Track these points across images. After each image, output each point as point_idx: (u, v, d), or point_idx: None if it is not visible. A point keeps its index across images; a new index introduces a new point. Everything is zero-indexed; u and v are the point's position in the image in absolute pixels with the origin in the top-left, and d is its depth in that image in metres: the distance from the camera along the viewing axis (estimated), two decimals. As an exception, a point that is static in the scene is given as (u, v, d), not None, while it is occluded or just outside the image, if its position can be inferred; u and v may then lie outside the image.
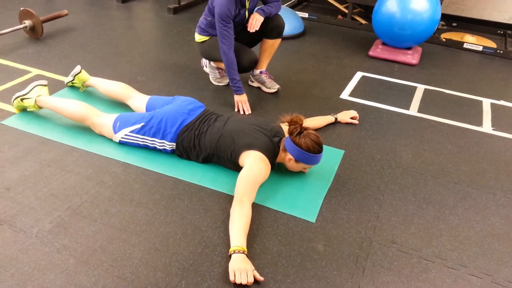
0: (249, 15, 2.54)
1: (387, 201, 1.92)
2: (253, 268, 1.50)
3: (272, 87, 2.78)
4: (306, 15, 4.31)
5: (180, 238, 1.65)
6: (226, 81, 2.85)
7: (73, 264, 1.51)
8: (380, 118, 2.61)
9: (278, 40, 2.72)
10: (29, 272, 1.47)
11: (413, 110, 2.72)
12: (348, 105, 2.72)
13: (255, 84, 2.85)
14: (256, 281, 1.47)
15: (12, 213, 1.71)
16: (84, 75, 2.61)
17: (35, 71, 2.87)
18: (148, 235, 1.66)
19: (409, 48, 3.42)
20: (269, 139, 1.97)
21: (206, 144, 2.01)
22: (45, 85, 2.40)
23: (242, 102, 2.55)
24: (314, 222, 1.77)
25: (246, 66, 2.59)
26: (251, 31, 2.50)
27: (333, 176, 2.06)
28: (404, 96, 2.89)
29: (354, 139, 2.37)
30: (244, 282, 1.44)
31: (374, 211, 1.86)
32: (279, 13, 2.67)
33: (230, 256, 1.52)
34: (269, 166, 1.92)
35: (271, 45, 2.72)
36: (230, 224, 1.63)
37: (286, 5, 4.51)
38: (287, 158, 1.96)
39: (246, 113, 2.54)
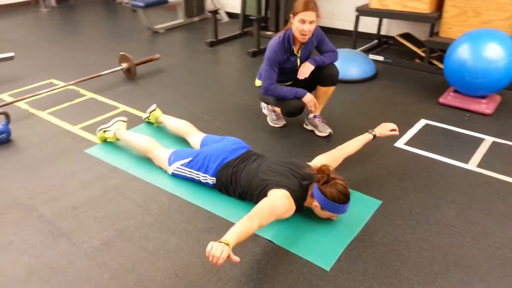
0: (301, 63, 2.70)
1: (412, 259, 1.87)
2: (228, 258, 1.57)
3: (324, 131, 2.87)
4: (381, 58, 4.31)
5: (199, 268, 1.83)
6: (282, 123, 3.01)
7: (107, 279, 1.78)
8: (432, 170, 2.52)
9: (332, 88, 2.82)
10: (72, 280, 1.77)
11: (472, 164, 2.57)
12: (401, 154, 2.68)
13: (309, 127, 2.96)
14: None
15: (72, 229, 2.06)
16: (158, 112, 2.99)
17: (122, 107, 3.36)
18: (173, 262, 1.86)
19: (483, 97, 3.23)
20: (299, 181, 2.06)
21: (242, 181, 2.18)
22: (125, 121, 2.83)
23: (311, 101, 2.68)
24: (328, 270, 1.81)
25: (292, 111, 2.74)
26: (300, 79, 2.66)
27: (361, 226, 2.07)
28: (466, 148, 2.75)
29: (396, 190, 2.34)
30: (217, 254, 1.53)
31: (395, 268, 1.83)
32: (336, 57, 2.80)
33: None
34: (293, 206, 2.00)
35: (325, 92, 2.83)
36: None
37: (362, 49, 4.57)
38: (314, 205, 2.04)
39: (313, 108, 2.72)
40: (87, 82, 3.74)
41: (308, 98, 2.70)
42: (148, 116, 3.03)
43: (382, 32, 4.90)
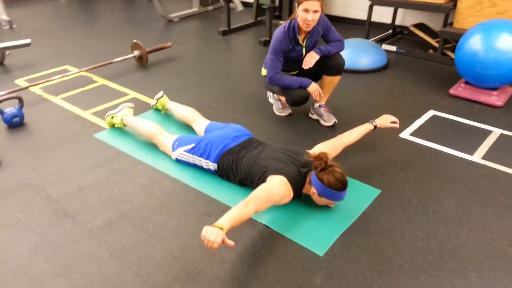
0: (307, 53, 2.70)
1: (406, 247, 1.88)
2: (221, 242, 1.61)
3: (329, 120, 2.87)
4: (394, 48, 4.26)
5: (196, 250, 1.88)
6: (287, 112, 3.03)
7: (107, 257, 1.85)
8: (435, 161, 2.51)
9: (337, 77, 2.82)
10: (73, 258, 1.85)
11: (477, 156, 2.54)
12: (405, 145, 2.67)
13: (314, 117, 2.97)
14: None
15: (77, 210, 2.14)
16: (165, 99, 3.05)
17: (132, 94, 3.43)
18: (171, 244, 1.92)
19: (494, 89, 3.17)
20: (297, 169, 2.09)
21: (242, 168, 2.22)
22: (132, 107, 2.89)
23: (316, 91, 2.70)
24: (321, 255, 1.84)
25: (296, 100, 2.75)
26: (305, 68, 2.66)
27: (358, 214, 2.08)
28: (473, 140, 2.71)
29: (397, 180, 2.34)
30: (212, 238, 1.58)
31: (388, 255, 1.84)
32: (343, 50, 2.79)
33: None
34: (291, 193, 2.03)
35: (330, 81, 2.83)
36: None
37: (375, 39, 4.52)
38: (311, 191, 2.06)
39: (318, 98, 2.75)
40: (99, 69, 3.82)
41: (313, 88, 2.70)
42: (156, 103, 3.08)
43: (397, 22, 4.83)
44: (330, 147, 2.29)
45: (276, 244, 1.91)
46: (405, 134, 2.80)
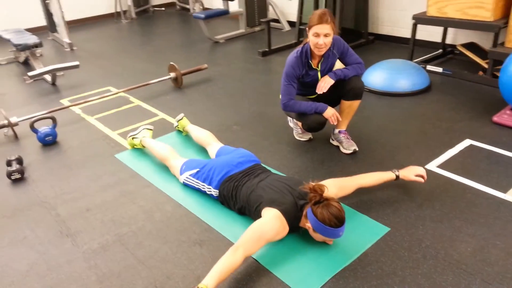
0: (322, 76, 2.58)
1: (403, 297, 1.69)
2: None
3: (348, 148, 2.71)
4: (440, 69, 3.96)
5: (178, 281, 1.83)
6: (307, 136, 2.92)
7: (93, 281, 1.87)
8: (461, 198, 2.25)
9: (356, 102, 2.66)
10: (63, 279, 1.89)
11: (510, 194, 2.24)
12: (430, 177, 2.42)
13: (335, 143, 2.83)
14: None
15: (79, 230, 2.20)
16: (185, 121, 3.08)
17: (161, 115, 3.51)
18: (157, 272, 1.89)
19: (546, 117, 2.81)
20: (294, 200, 1.98)
21: (241, 196, 2.15)
22: (151, 129, 2.96)
23: (333, 116, 2.57)
24: (306, 298, 1.71)
25: (312, 126, 2.63)
26: (318, 93, 2.55)
27: (358, 254, 1.91)
28: (509, 175, 2.40)
29: (411, 218, 2.13)
30: None
31: (381, 304, 1.66)
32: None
33: None
34: (286, 228, 1.92)
35: (349, 106, 2.68)
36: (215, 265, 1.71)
37: (421, 59, 4.25)
38: (307, 226, 1.94)
39: (335, 123, 2.59)
40: (137, 90, 3.99)
41: (329, 113, 2.57)
42: (177, 125, 3.13)
43: (448, 41, 4.51)
44: (339, 185, 2.15)
45: (261, 280, 1.80)
46: (432, 166, 2.55)
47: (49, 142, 3.13)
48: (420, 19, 4.02)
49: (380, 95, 3.62)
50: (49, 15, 6.05)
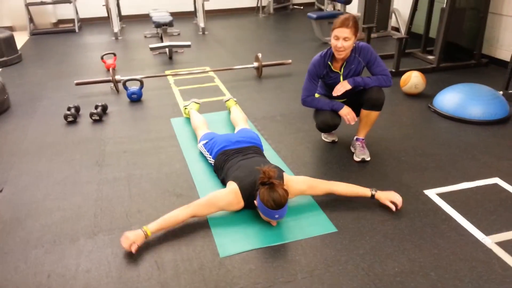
0: (344, 80, 2.66)
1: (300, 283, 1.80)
2: (137, 243, 1.97)
3: (358, 156, 2.75)
4: (531, 105, 3.48)
5: (144, 217, 2.28)
6: (331, 138, 3.02)
7: (92, 198, 2.45)
8: (434, 226, 2.13)
9: (374, 112, 2.67)
10: (74, 192, 2.52)
11: (492, 238, 2.04)
12: (418, 201, 2.34)
13: (352, 149, 2.87)
14: None
15: (108, 163, 2.83)
16: (230, 102, 3.52)
17: (228, 96, 3.98)
18: (134, 206, 2.37)
19: None
20: (254, 180, 2.21)
21: (224, 169, 2.47)
22: (198, 103, 3.47)
23: (348, 114, 2.66)
24: (220, 256, 1.96)
25: (319, 126, 2.78)
26: (334, 95, 2.64)
27: (291, 240, 2.05)
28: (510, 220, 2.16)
29: (365, 228, 2.13)
30: (122, 244, 1.98)
31: (272, 280, 1.82)
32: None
33: None
34: (240, 201, 2.20)
35: (366, 115, 2.70)
36: None
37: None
38: (255, 203, 2.16)
39: (352, 122, 2.68)
40: (223, 72, 4.54)
41: (345, 111, 2.66)
42: (227, 100, 3.59)
43: None
44: (310, 184, 2.30)
45: (199, 233, 2.11)
46: (431, 192, 2.43)
47: (134, 99, 3.89)
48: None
49: (449, 119, 3.37)
50: (194, 2, 7.09)
